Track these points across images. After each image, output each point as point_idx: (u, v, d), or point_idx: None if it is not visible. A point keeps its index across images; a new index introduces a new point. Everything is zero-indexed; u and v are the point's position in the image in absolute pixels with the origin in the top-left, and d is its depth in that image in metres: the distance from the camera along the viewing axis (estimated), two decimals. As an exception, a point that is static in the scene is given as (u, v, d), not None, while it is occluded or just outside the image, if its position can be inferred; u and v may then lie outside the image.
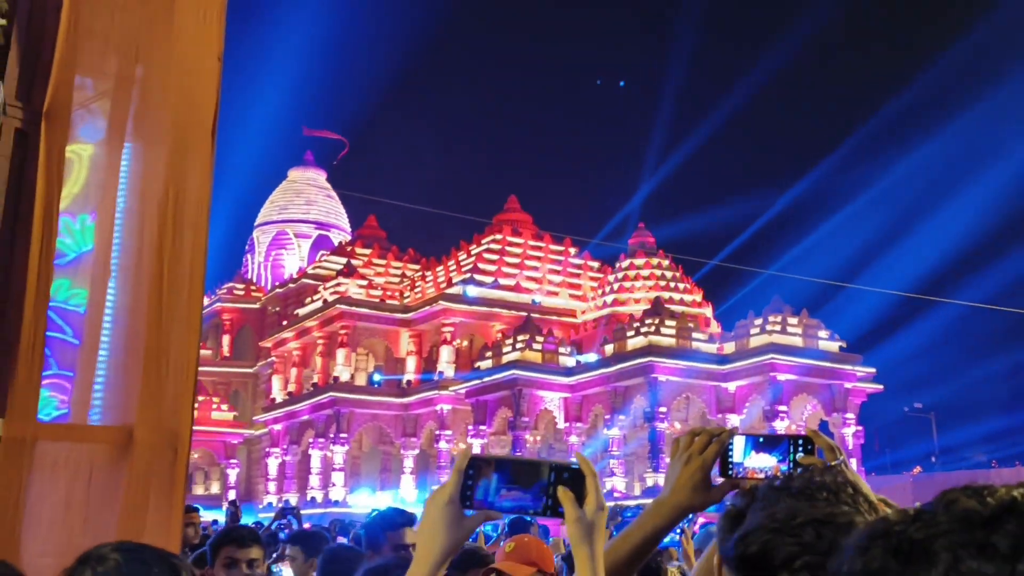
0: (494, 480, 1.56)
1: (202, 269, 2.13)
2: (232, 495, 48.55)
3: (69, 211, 2.93)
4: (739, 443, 1.87)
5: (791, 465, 1.87)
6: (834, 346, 35.51)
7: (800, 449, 1.88)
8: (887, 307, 48.27)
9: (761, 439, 1.90)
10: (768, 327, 34.52)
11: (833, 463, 1.86)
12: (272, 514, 11.81)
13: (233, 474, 50.24)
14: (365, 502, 41.49)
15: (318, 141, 64.35)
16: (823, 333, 35.49)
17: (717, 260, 41.21)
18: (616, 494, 32.88)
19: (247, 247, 63.78)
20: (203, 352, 54.48)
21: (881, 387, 37.15)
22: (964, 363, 54.27)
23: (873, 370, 36.02)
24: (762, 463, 1.88)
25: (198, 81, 2.20)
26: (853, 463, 30.55)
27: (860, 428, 35.52)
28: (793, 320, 34.88)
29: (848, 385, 35.21)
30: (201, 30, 2.22)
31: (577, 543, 1.54)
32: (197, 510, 7.97)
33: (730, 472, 1.87)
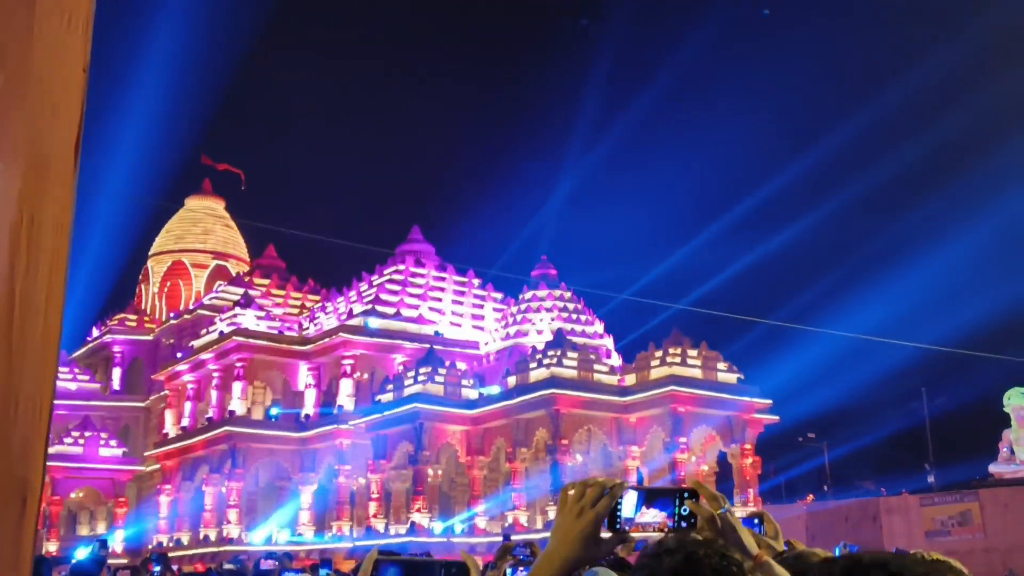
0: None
1: (60, 300, 1.90)
2: (115, 534, 46.63)
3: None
4: (629, 498, 1.91)
5: (676, 519, 1.93)
6: (732, 378, 36.18)
7: (685, 503, 1.96)
8: (783, 340, 49.55)
9: (649, 493, 1.95)
10: (668, 359, 34.98)
11: (718, 512, 1.99)
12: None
13: (121, 513, 48.26)
14: (261, 538, 40.33)
15: (217, 170, 63.07)
16: (722, 365, 36.13)
17: (627, 295, 41.68)
18: (518, 528, 32.70)
19: (140, 277, 61.93)
20: (91, 386, 52.55)
21: (777, 418, 37.96)
22: (856, 394, 56.07)
23: (769, 401, 36.83)
24: (650, 518, 1.93)
25: (61, 94, 1.97)
26: (751, 492, 30.89)
27: (757, 458, 36.18)
28: (693, 352, 35.43)
29: (746, 416, 35.88)
30: (65, 38, 2.00)
31: None
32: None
33: (618, 526, 1.89)
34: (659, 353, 35.41)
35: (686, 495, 1.94)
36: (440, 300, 45.24)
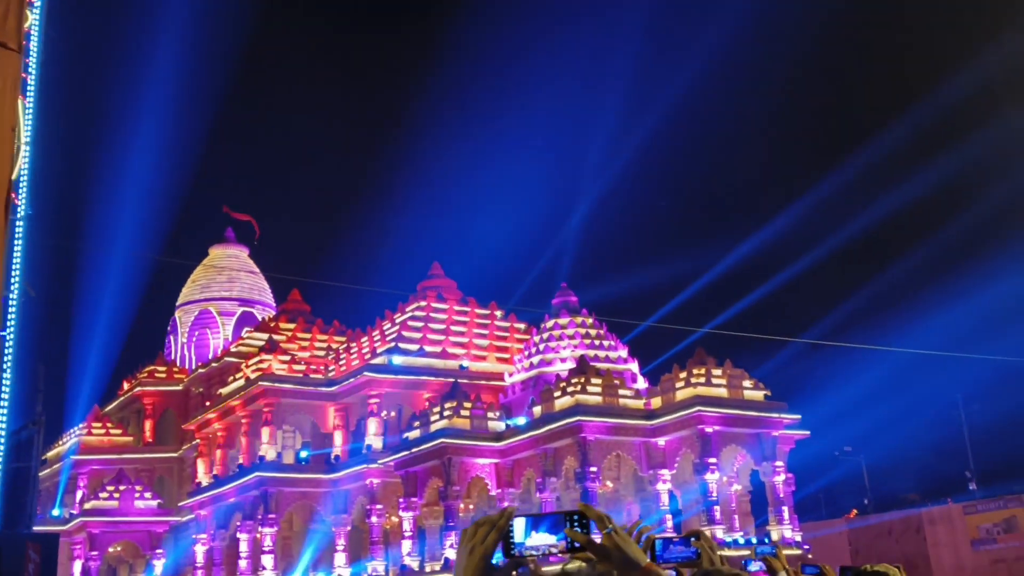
0: None
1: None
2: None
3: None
4: (519, 525, 2.07)
5: (569, 542, 2.10)
6: (759, 395, 35.92)
7: (577, 524, 2.13)
8: (814, 357, 49.29)
9: (536, 519, 2.12)
10: (693, 379, 34.78)
11: (604, 531, 2.15)
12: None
13: (159, 565, 48.43)
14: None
15: (236, 219, 63.95)
16: (748, 383, 35.88)
17: (651, 321, 41.62)
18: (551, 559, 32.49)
19: (169, 328, 62.58)
20: (124, 439, 53.03)
21: (807, 433, 37.57)
22: (893, 406, 55.46)
23: (798, 416, 36.47)
24: (540, 541, 2.10)
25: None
26: (785, 510, 30.51)
27: (790, 475, 35.80)
28: (717, 371, 35.23)
29: (775, 433, 35.56)
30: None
31: None
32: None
33: (513, 552, 2.06)
34: (683, 374, 35.22)
35: (575, 517, 2.11)
36: (463, 334, 45.35)
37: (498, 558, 2.03)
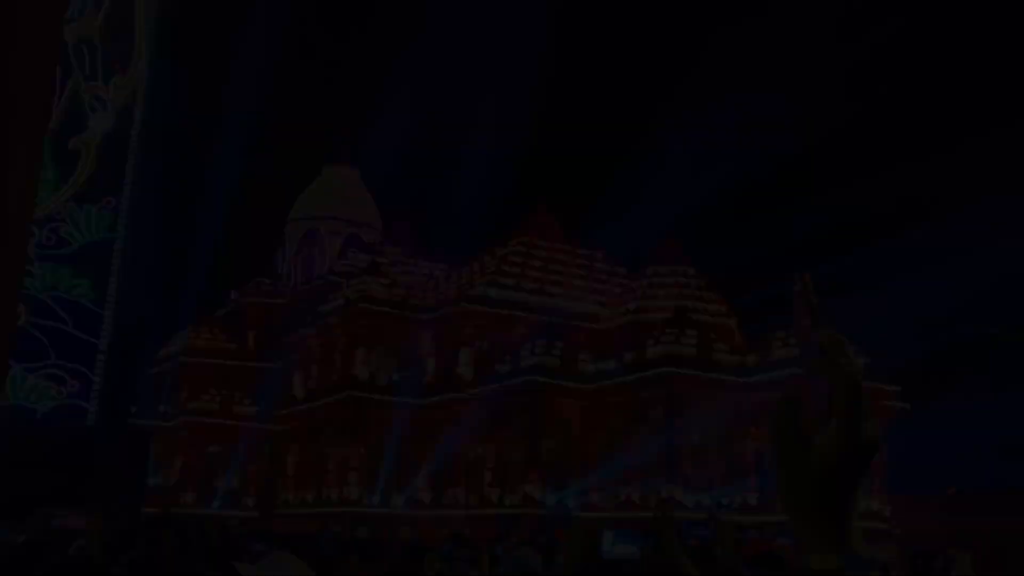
0: None
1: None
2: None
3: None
4: (607, 537, 2.44)
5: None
6: (859, 362, 34.70)
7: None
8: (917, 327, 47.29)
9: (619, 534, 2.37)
10: (792, 341, 33.84)
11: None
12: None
13: (253, 470, 50.26)
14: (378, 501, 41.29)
15: (354, 139, 64.63)
16: (851, 348, 34.65)
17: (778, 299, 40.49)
18: (631, 507, 32.47)
19: (277, 242, 64.04)
20: (228, 346, 54.83)
21: (907, 405, 36.38)
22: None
23: (898, 388, 35.25)
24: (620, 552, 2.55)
25: None
26: (875, 482, 29.34)
27: (883, 444, 34.74)
28: (818, 334, 34.12)
29: (875, 404, 34.43)
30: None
31: None
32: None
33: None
34: (782, 334, 34.33)
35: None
36: (561, 273, 45.07)
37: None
